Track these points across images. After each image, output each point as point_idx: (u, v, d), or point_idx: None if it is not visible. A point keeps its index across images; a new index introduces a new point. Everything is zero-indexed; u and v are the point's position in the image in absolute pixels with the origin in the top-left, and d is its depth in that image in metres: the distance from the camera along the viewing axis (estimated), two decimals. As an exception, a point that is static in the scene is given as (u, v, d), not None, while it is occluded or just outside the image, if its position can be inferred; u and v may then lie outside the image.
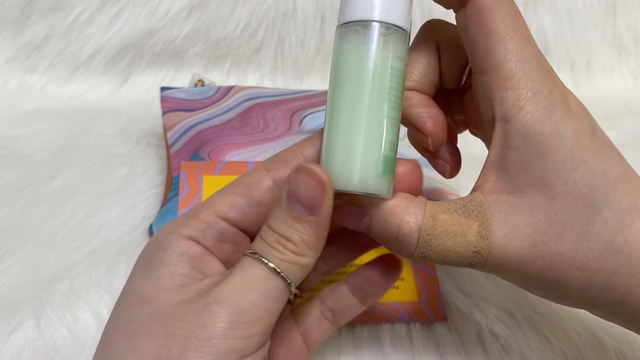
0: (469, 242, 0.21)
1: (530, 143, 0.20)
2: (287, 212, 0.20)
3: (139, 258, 0.22)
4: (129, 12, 0.54)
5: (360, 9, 0.21)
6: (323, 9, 0.56)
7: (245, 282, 0.20)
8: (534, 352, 0.31)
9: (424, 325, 0.32)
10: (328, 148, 0.21)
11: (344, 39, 0.21)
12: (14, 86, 0.55)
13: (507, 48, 0.21)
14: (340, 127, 0.21)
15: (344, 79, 0.21)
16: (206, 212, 0.22)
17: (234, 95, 0.43)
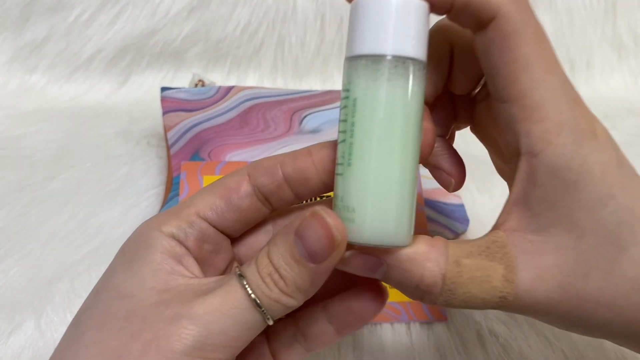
0: (495, 288, 0.20)
1: (558, 180, 0.19)
2: (290, 249, 0.19)
3: (120, 251, 0.22)
4: (129, 12, 0.54)
5: (386, 42, 0.19)
6: (323, 9, 0.56)
7: (223, 306, 0.19)
8: (533, 352, 0.31)
9: (423, 325, 0.32)
10: (351, 197, 0.19)
11: (362, 73, 0.19)
12: (14, 86, 0.55)
13: (533, 76, 0.19)
14: (369, 176, 0.19)
15: (370, 120, 0.19)
16: (187, 210, 0.22)
17: (234, 95, 0.43)
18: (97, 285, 0.21)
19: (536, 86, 0.19)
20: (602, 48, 0.60)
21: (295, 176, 0.22)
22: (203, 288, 0.20)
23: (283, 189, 0.22)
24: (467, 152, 0.48)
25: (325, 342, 0.23)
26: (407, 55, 0.19)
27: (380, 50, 0.19)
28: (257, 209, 0.22)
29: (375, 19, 0.19)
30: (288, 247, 0.19)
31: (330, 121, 0.43)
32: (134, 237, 0.22)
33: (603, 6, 0.59)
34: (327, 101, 0.44)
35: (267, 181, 0.22)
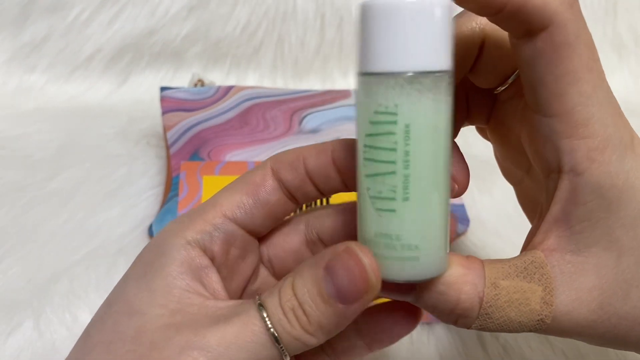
0: (533, 311, 0.19)
1: (603, 198, 0.19)
2: (318, 285, 0.18)
3: (137, 260, 0.21)
4: (129, 11, 0.54)
5: (433, 54, 0.17)
6: (323, 8, 0.56)
7: (239, 338, 0.18)
8: (534, 353, 0.31)
9: (424, 326, 0.32)
10: (412, 234, 0.18)
11: (414, 93, 0.17)
12: (13, 86, 0.55)
13: (582, 91, 0.18)
14: (433, 211, 0.18)
15: (427, 148, 0.17)
16: (212, 212, 0.20)
17: (234, 95, 0.43)
18: (110, 295, 0.20)
19: (584, 102, 0.18)
20: (602, 48, 0.60)
21: (317, 172, 0.21)
22: (218, 313, 0.18)
23: (306, 184, 0.21)
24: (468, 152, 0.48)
25: (354, 356, 0.22)
26: (448, 69, 0.17)
27: (430, 66, 0.17)
28: (284, 203, 0.21)
29: (414, 29, 0.16)
30: (316, 283, 0.18)
31: (330, 121, 0.43)
32: (153, 243, 0.21)
33: (604, 6, 0.59)
34: (326, 101, 0.44)
35: (291, 176, 0.21)
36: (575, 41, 0.18)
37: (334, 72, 0.58)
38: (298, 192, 0.21)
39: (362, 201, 0.18)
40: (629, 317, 0.19)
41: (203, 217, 0.20)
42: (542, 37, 0.18)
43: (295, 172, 0.21)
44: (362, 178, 0.18)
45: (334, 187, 0.22)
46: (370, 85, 0.17)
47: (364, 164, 0.18)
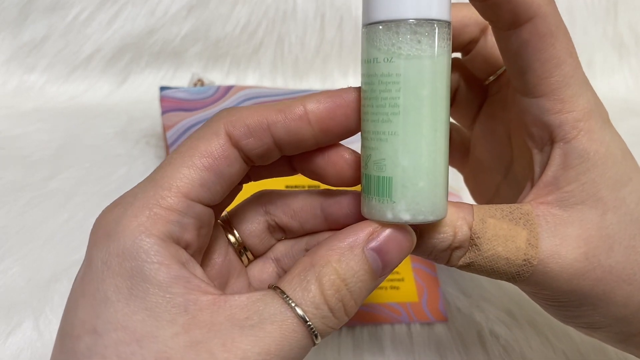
0: (519, 249, 0.20)
1: (589, 161, 0.21)
2: (366, 264, 0.18)
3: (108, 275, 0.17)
4: (128, 11, 0.54)
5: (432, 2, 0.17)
6: (323, 8, 0.56)
7: (282, 346, 0.17)
8: (534, 353, 0.31)
9: (424, 326, 0.32)
10: (399, 176, 0.18)
11: (408, 38, 0.17)
12: (12, 86, 0.55)
13: (565, 72, 0.21)
14: (421, 158, 0.18)
15: (411, 94, 0.17)
16: (172, 196, 0.18)
17: (234, 94, 0.43)
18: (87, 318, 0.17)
19: (568, 81, 0.21)
20: (603, 47, 0.60)
21: (289, 139, 0.19)
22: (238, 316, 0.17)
23: (272, 152, 0.20)
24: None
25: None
26: (446, 19, 0.18)
27: (426, 14, 0.17)
28: (242, 171, 0.20)
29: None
30: (363, 264, 0.18)
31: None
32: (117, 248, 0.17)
33: (604, 6, 0.59)
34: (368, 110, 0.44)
35: (254, 144, 0.19)
36: (556, 31, 0.20)
37: (334, 72, 0.58)
38: (260, 159, 0.20)
39: (365, 140, 0.19)
40: (614, 271, 0.21)
41: (162, 204, 0.18)
42: (527, 28, 0.20)
43: (260, 141, 0.19)
44: (367, 123, 0.19)
45: (306, 152, 0.20)
46: (366, 36, 0.18)
47: (368, 111, 0.19)
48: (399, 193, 0.18)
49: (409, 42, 0.17)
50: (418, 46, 0.17)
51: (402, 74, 0.17)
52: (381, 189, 0.19)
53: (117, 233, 0.17)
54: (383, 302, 0.33)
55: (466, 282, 0.35)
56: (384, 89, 0.18)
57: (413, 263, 0.35)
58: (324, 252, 0.18)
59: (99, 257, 0.17)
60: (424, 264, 0.35)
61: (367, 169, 0.19)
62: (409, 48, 0.17)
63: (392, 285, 0.34)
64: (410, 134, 0.18)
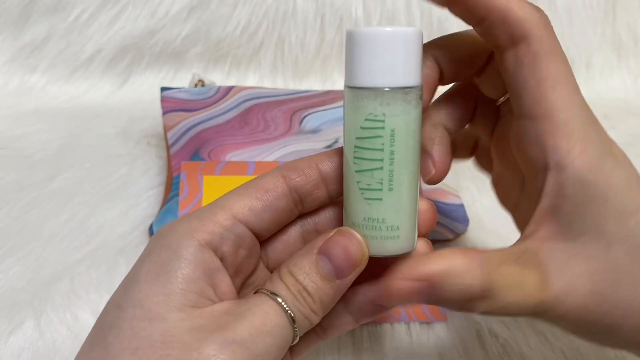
0: (531, 295, 0.20)
1: (587, 192, 0.20)
2: (316, 267, 0.20)
3: (146, 260, 0.20)
4: (129, 12, 0.54)
5: (415, 73, 0.21)
6: (323, 9, 0.56)
7: (265, 325, 0.19)
8: (533, 352, 0.31)
9: (423, 325, 0.32)
10: (394, 217, 0.21)
11: (399, 105, 0.20)
12: (14, 86, 0.55)
13: (561, 94, 0.20)
14: (409, 197, 0.21)
15: (406, 148, 0.21)
16: (222, 213, 0.21)
17: (234, 95, 0.43)
18: (118, 296, 0.20)
19: (564, 104, 0.20)
20: (601, 48, 0.61)
21: (332, 173, 0.22)
22: (235, 311, 0.20)
23: (319, 188, 0.23)
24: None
25: (342, 331, 0.24)
26: (418, 84, 0.21)
27: (412, 82, 0.21)
28: (290, 210, 0.23)
29: (402, 51, 0.20)
30: (313, 266, 0.20)
31: (330, 121, 0.43)
32: (163, 243, 0.20)
33: (603, 7, 0.59)
34: (327, 101, 0.44)
35: (303, 181, 0.22)
36: (551, 51, 0.21)
37: (334, 73, 0.58)
38: (308, 197, 0.23)
39: (351, 192, 0.22)
40: (621, 305, 0.20)
41: (213, 218, 0.21)
42: (523, 47, 0.20)
43: (308, 178, 0.22)
44: (351, 174, 0.21)
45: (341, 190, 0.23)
46: (360, 97, 0.21)
47: (354, 162, 0.21)
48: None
49: (389, 105, 0.20)
50: (393, 107, 0.20)
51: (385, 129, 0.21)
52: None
53: (169, 232, 0.21)
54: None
55: (465, 282, 0.35)
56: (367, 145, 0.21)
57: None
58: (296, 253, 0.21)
59: (148, 249, 0.20)
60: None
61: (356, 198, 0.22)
62: (389, 109, 0.20)
63: (391, 284, 0.34)
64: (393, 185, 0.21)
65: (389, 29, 0.20)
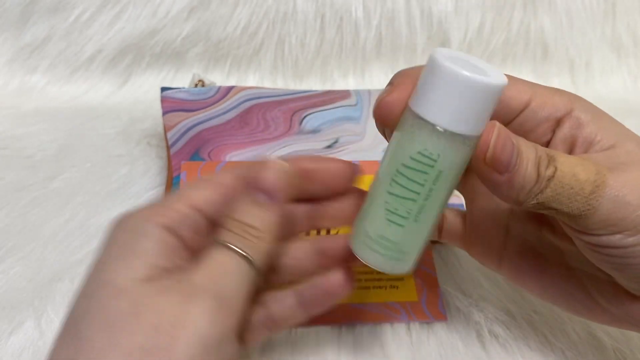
0: (592, 170, 0.21)
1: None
2: (250, 202, 0.22)
3: (109, 245, 0.22)
4: (130, 12, 0.54)
5: (478, 122, 0.20)
6: (323, 9, 0.56)
7: (222, 267, 0.21)
8: (533, 352, 0.31)
9: (423, 325, 0.32)
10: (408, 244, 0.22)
11: (455, 149, 0.20)
12: (14, 86, 0.55)
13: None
14: (429, 231, 0.23)
15: (445, 190, 0.22)
16: (181, 203, 0.22)
17: (234, 95, 0.43)
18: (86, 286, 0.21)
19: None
20: (601, 49, 0.61)
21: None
22: (194, 267, 0.21)
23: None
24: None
25: (293, 322, 0.25)
26: (480, 134, 0.20)
27: (478, 132, 0.20)
28: None
29: (487, 103, 0.20)
30: (249, 202, 0.22)
31: (330, 121, 0.43)
32: (123, 229, 0.22)
33: (602, 7, 0.59)
34: (327, 101, 0.44)
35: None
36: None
37: (334, 73, 0.58)
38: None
39: (376, 208, 0.22)
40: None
41: (171, 206, 0.22)
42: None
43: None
44: (382, 191, 0.22)
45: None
46: (421, 128, 0.20)
47: (390, 183, 0.21)
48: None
49: (448, 148, 0.20)
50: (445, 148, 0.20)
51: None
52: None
53: (129, 218, 0.22)
54: (382, 301, 0.33)
55: (465, 282, 0.35)
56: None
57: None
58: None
59: (110, 235, 0.22)
60: (423, 264, 0.35)
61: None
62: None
63: (391, 284, 0.34)
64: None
65: (484, 80, 0.19)
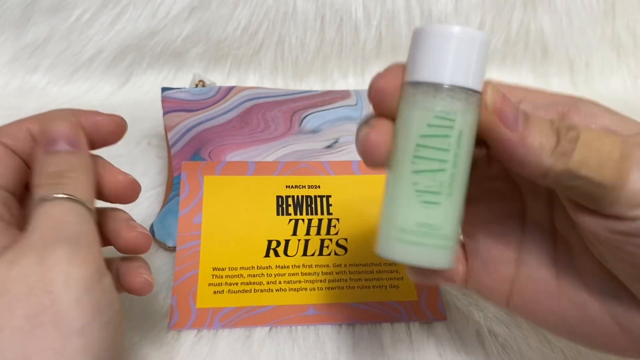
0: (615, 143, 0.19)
1: None
2: (53, 156, 0.23)
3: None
4: (130, 12, 0.54)
5: (481, 76, 0.20)
6: (323, 9, 0.56)
7: (57, 219, 0.21)
8: (533, 352, 0.31)
9: (423, 325, 0.32)
10: (449, 226, 0.20)
11: (468, 107, 0.20)
12: (15, 86, 0.55)
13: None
14: (463, 205, 0.21)
15: (468, 152, 0.20)
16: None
17: (235, 95, 0.43)
18: None
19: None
20: (601, 48, 0.61)
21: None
22: (30, 231, 0.21)
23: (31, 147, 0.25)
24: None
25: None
26: (480, 90, 0.20)
27: (478, 86, 0.20)
28: (24, 169, 0.25)
29: (481, 54, 0.20)
30: (51, 157, 0.23)
31: (330, 121, 0.43)
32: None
33: (602, 7, 0.59)
34: (327, 101, 0.44)
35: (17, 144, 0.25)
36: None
37: (334, 73, 0.59)
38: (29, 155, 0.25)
39: (403, 194, 0.20)
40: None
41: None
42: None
43: (20, 140, 0.25)
44: (406, 174, 0.20)
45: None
46: (429, 93, 0.20)
47: (413, 162, 0.20)
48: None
49: (461, 105, 0.20)
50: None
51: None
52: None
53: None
54: (382, 300, 0.33)
55: (465, 282, 0.35)
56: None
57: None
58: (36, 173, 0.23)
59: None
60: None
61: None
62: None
63: (391, 284, 0.34)
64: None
65: (473, 31, 0.20)
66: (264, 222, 0.36)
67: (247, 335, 0.31)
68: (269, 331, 0.31)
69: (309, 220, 0.37)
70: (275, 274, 0.34)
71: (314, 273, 0.34)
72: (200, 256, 0.34)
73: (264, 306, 0.32)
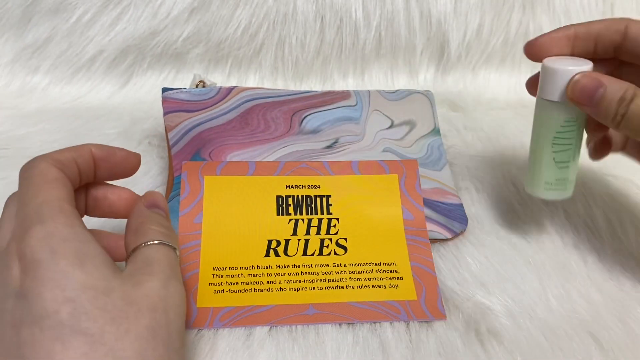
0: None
1: None
2: (156, 215, 0.28)
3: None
4: (131, 13, 0.54)
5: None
6: (323, 10, 0.56)
7: (172, 260, 0.26)
8: (533, 352, 0.31)
9: (423, 324, 0.32)
10: (571, 176, 0.35)
11: (578, 112, 0.33)
12: (16, 87, 0.55)
13: None
14: (577, 165, 0.35)
15: (580, 136, 0.35)
16: (75, 152, 0.30)
17: (235, 96, 0.43)
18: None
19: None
20: (600, 49, 0.61)
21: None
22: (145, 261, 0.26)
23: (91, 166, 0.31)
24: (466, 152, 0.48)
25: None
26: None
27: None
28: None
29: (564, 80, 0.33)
30: (155, 216, 0.28)
31: (330, 121, 0.43)
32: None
33: (601, 8, 0.59)
34: (327, 102, 0.44)
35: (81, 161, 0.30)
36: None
37: (334, 74, 0.59)
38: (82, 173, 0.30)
39: (547, 162, 0.34)
40: None
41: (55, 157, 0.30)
42: None
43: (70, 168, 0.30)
44: (547, 153, 0.34)
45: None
46: (560, 107, 0.33)
47: (552, 146, 0.34)
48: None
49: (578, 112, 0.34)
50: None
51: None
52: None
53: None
54: (382, 300, 0.33)
55: (465, 281, 0.35)
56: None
57: (412, 262, 0.35)
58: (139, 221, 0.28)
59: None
60: (423, 263, 0.35)
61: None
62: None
63: (391, 283, 0.34)
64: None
65: (562, 67, 0.33)
66: (264, 222, 0.36)
67: (247, 335, 0.31)
68: (269, 330, 0.31)
69: (309, 220, 0.37)
70: (275, 274, 0.34)
71: (313, 273, 0.34)
72: (200, 256, 0.34)
73: (264, 306, 0.33)
